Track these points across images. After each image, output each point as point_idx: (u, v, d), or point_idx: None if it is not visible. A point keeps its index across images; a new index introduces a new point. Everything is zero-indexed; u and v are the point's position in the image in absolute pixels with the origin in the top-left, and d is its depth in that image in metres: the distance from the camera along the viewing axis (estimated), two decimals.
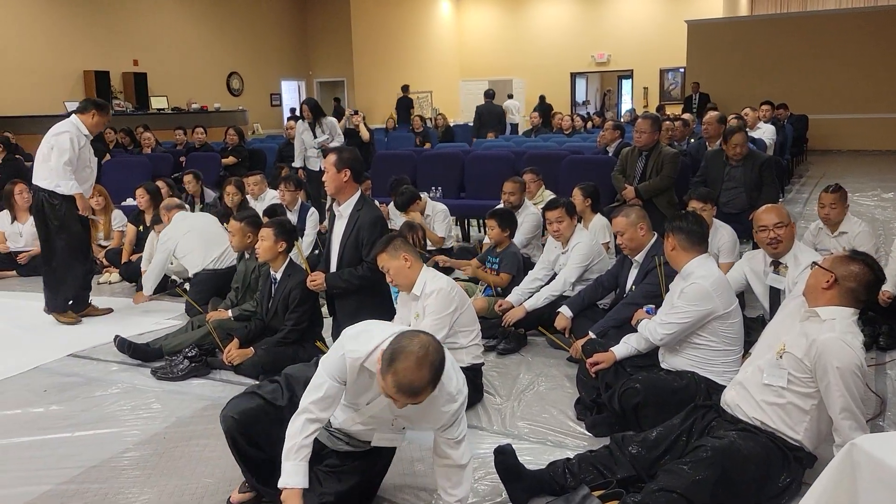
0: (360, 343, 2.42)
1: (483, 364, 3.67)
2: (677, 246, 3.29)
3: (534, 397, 3.72)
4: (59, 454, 3.25)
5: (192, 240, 5.38)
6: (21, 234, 6.77)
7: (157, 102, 14.14)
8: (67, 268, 5.14)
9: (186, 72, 15.05)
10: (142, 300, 5.64)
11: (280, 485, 2.39)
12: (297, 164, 8.29)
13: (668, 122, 7.08)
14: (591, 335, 3.88)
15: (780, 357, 2.63)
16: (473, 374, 3.59)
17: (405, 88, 16.66)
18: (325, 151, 8.02)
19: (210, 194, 7.63)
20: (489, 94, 13.84)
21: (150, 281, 5.53)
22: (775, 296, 3.70)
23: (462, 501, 2.58)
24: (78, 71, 13.05)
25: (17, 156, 8.45)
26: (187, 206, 7.14)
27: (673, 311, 3.18)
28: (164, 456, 3.21)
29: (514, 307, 4.53)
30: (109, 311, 5.43)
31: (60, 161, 4.98)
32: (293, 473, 2.38)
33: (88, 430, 3.51)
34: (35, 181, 5.10)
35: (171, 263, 5.55)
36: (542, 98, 16.21)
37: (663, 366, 3.36)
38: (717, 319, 3.13)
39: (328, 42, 18.19)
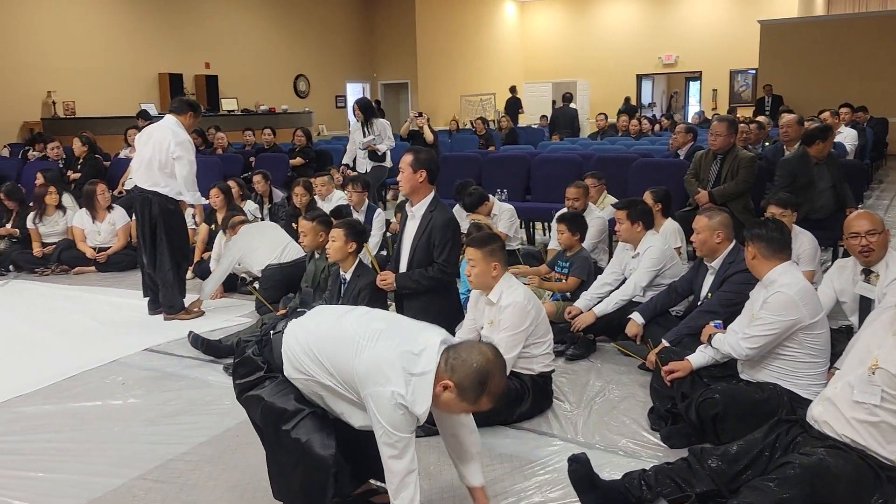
0: (411, 389, 2.24)
1: (553, 371, 3.61)
2: (758, 254, 3.17)
3: (605, 405, 3.65)
4: (136, 447, 3.33)
5: (256, 244, 5.47)
6: (100, 233, 6.99)
7: (227, 104, 14.48)
8: (178, 269, 5.25)
9: (255, 74, 15.37)
10: (198, 305, 5.50)
11: None
12: (345, 160, 8.32)
13: (742, 125, 6.87)
14: (665, 343, 3.79)
15: (873, 373, 2.50)
16: (543, 382, 3.55)
17: (513, 90, 16.55)
18: (371, 152, 8.07)
19: (278, 194, 7.76)
20: (567, 98, 13.83)
21: (211, 284, 5.59)
22: (865, 305, 3.54)
23: None
24: (153, 74, 13.47)
25: (96, 155, 8.75)
26: (256, 207, 7.29)
27: (757, 323, 3.06)
28: (237, 452, 3.25)
29: (582, 312, 4.46)
30: (202, 313, 5.46)
31: (189, 172, 5.07)
32: None
33: (164, 424, 3.59)
34: (142, 184, 5.14)
35: (239, 265, 5.63)
36: (626, 100, 16.00)
37: (743, 376, 3.25)
38: (802, 330, 3.00)
39: (393, 44, 18.33)
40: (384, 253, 6.22)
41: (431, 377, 2.26)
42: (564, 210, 5.59)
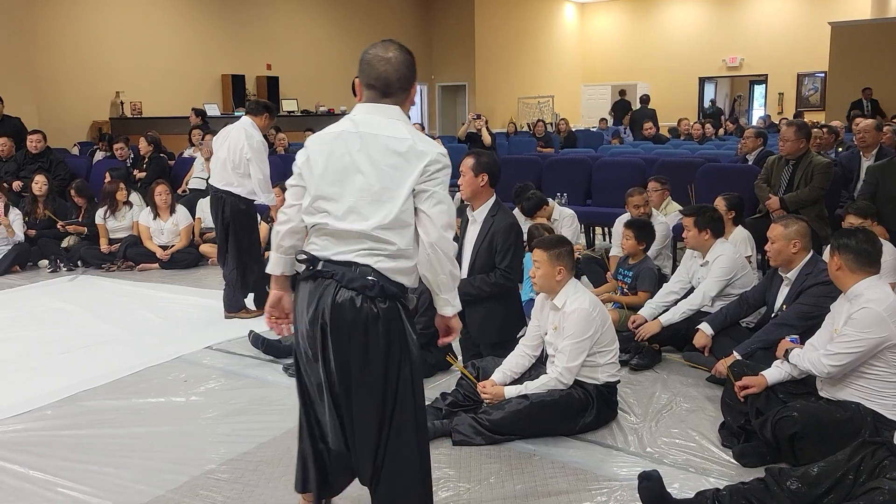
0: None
1: (618, 381, 3.50)
2: (844, 266, 3.01)
3: (673, 418, 3.52)
4: (199, 445, 3.35)
5: None
6: (163, 232, 7.12)
7: (287, 105, 14.66)
8: (243, 269, 5.30)
9: (315, 75, 15.53)
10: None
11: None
12: None
13: (816, 130, 6.61)
14: (736, 356, 3.64)
15: None
16: (608, 392, 3.45)
17: (622, 92, 16.25)
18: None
19: None
20: (644, 100, 13.64)
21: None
22: None
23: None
24: (216, 75, 13.72)
25: (161, 154, 8.94)
26: None
27: (841, 340, 2.90)
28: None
29: (647, 321, 4.33)
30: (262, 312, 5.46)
31: (263, 174, 5.14)
32: None
33: (226, 423, 3.60)
34: (216, 184, 5.20)
35: None
36: (712, 102, 15.59)
37: (822, 394, 3.09)
38: (890, 348, 2.84)
39: (451, 46, 18.32)
40: None
41: None
42: (627, 214, 5.47)
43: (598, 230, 7.96)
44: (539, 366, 3.57)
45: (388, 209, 2.16)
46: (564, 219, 5.99)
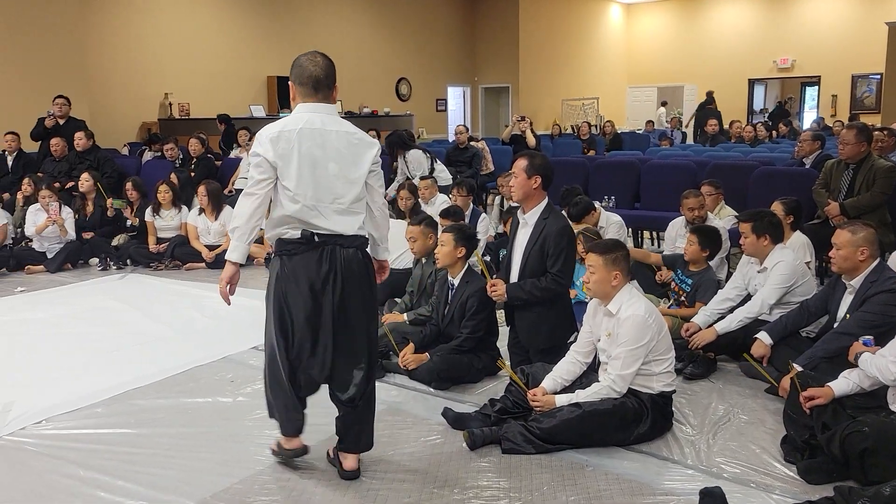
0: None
1: (674, 391, 3.38)
2: None
3: (731, 431, 3.39)
4: (245, 446, 3.33)
5: None
6: (210, 232, 7.18)
7: None
8: None
9: (359, 77, 15.58)
10: None
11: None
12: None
13: (877, 133, 6.37)
14: (797, 367, 3.49)
15: None
16: (663, 402, 3.34)
17: (710, 94, 15.82)
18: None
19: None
20: (707, 101, 13.39)
21: None
22: None
23: None
24: (262, 76, 13.85)
25: (208, 155, 9.04)
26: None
27: None
28: None
29: (701, 329, 4.19)
30: None
31: None
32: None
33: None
34: None
35: None
36: (779, 104, 15.10)
37: (893, 408, 2.94)
38: None
39: (494, 48, 18.23)
40: (487, 258, 6.10)
41: None
42: (682, 218, 5.33)
43: (647, 234, 7.80)
44: (590, 373, 3.47)
45: (356, 189, 2.89)
46: (611, 225, 5.86)
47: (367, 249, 2.99)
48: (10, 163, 8.92)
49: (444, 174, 7.90)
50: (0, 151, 9.04)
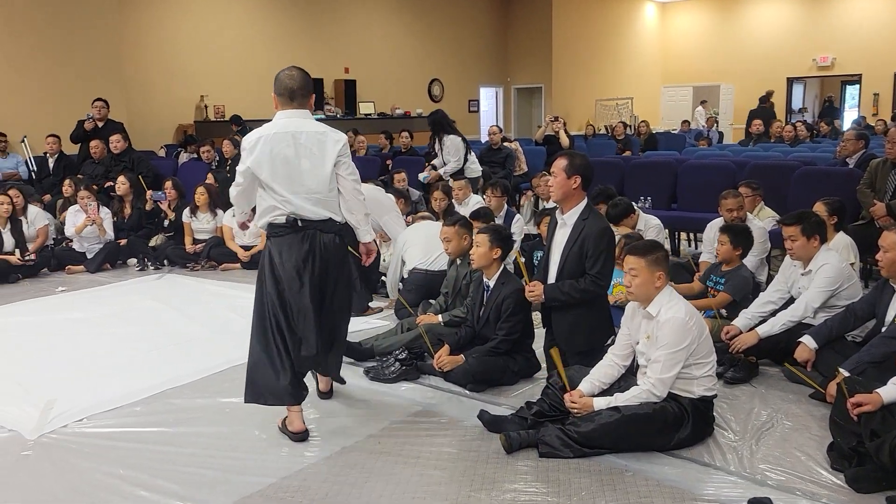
0: None
1: (716, 396, 3.31)
2: None
3: (774, 437, 3.31)
4: (282, 447, 3.34)
5: (416, 240, 5.46)
6: (245, 233, 7.23)
7: (364, 108, 14.79)
8: (371, 268, 5.37)
9: (392, 78, 15.62)
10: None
11: None
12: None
13: None
14: (844, 372, 3.40)
15: None
16: (704, 407, 3.27)
17: (769, 94, 15.21)
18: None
19: (415, 192, 7.83)
20: (765, 97, 13.18)
21: (391, 279, 5.67)
22: None
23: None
24: None
25: None
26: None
27: None
28: (380, 460, 3.18)
29: (741, 332, 4.11)
30: (380, 310, 5.58)
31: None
32: None
33: (308, 425, 3.58)
34: None
35: (405, 264, 5.61)
36: (828, 102, 14.41)
37: None
38: None
39: (527, 48, 18.15)
40: (522, 260, 6.05)
41: None
42: (721, 219, 5.23)
43: (683, 235, 7.69)
44: (629, 377, 3.41)
45: (327, 181, 3.36)
46: (650, 229, 5.77)
47: (344, 234, 3.48)
48: (51, 165, 9.11)
49: (474, 165, 7.86)
50: (42, 154, 9.23)
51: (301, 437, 3.38)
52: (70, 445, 3.38)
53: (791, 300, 4.17)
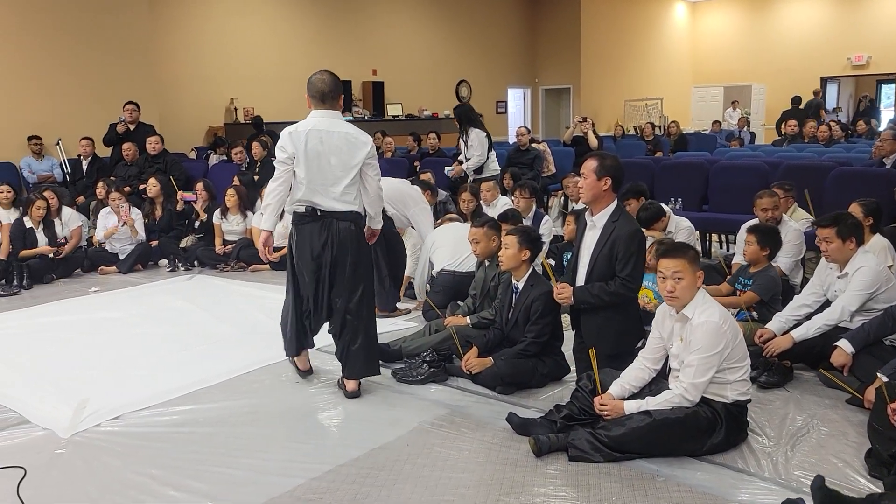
0: None
1: (749, 401, 3.25)
2: None
3: (810, 443, 3.24)
4: (310, 448, 3.34)
5: (444, 241, 5.46)
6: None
7: (392, 109, 14.83)
8: (398, 268, 5.47)
9: (419, 80, 15.64)
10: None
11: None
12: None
13: None
14: (883, 377, 3.32)
15: None
16: (738, 411, 3.21)
17: (817, 93, 14.75)
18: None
19: (442, 193, 7.83)
20: (796, 100, 12.99)
21: (418, 280, 5.70)
22: None
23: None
24: None
25: (271, 158, 9.17)
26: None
27: None
28: (408, 462, 3.17)
29: (775, 336, 4.03)
30: (408, 311, 5.59)
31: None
32: None
33: (336, 426, 3.60)
34: None
35: (433, 266, 5.61)
36: (870, 101, 14.03)
37: None
38: None
39: (555, 49, 18.06)
40: (551, 262, 6.01)
41: None
42: (756, 220, 5.14)
43: (714, 237, 7.59)
44: (660, 380, 3.37)
45: (350, 177, 3.78)
46: (681, 231, 5.69)
47: (360, 222, 3.91)
48: (85, 167, 9.25)
49: (493, 164, 7.80)
50: (76, 156, 9.38)
51: (305, 374, 4.17)
52: (102, 444, 3.42)
53: (827, 303, 4.09)
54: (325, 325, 4.05)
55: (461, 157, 8.01)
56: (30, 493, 2.96)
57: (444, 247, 5.39)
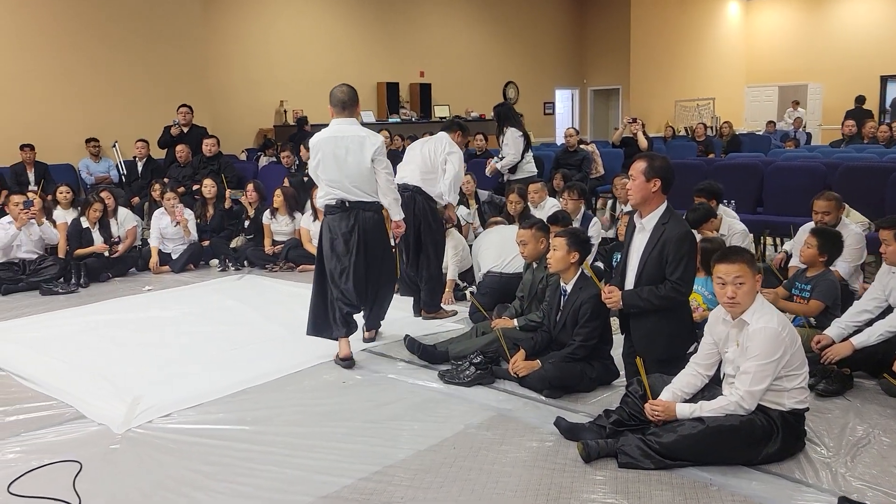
0: None
1: (807, 409, 3.15)
2: None
3: (871, 454, 3.12)
4: (358, 448, 3.35)
5: (489, 243, 5.44)
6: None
7: (439, 111, 14.86)
8: (439, 268, 5.46)
9: (466, 81, 15.64)
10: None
11: None
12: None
13: None
14: None
15: None
16: (795, 420, 3.11)
17: (860, 100, 14.25)
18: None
19: (483, 193, 7.81)
20: (860, 100, 12.62)
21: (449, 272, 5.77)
22: None
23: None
24: (372, 83, 14.12)
25: None
26: (468, 212, 7.34)
27: None
28: (455, 465, 3.15)
29: (834, 342, 3.90)
30: (454, 313, 5.57)
31: (453, 176, 5.35)
32: None
33: (383, 427, 3.59)
34: (412, 181, 5.36)
35: (479, 268, 5.60)
36: None
37: None
38: None
39: (604, 49, 17.87)
40: (600, 264, 5.93)
41: None
42: (812, 223, 4.99)
43: (769, 241, 7.39)
44: (713, 386, 3.28)
45: (366, 173, 4.43)
46: (735, 234, 5.55)
47: (381, 211, 4.53)
48: (140, 168, 9.49)
49: (528, 165, 7.70)
50: (131, 158, 9.62)
51: (347, 363, 4.41)
52: (154, 440, 3.48)
53: (889, 309, 3.94)
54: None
55: (498, 156, 7.98)
56: (85, 486, 3.03)
57: (490, 248, 5.36)
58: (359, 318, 4.67)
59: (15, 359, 4.68)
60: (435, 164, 5.38)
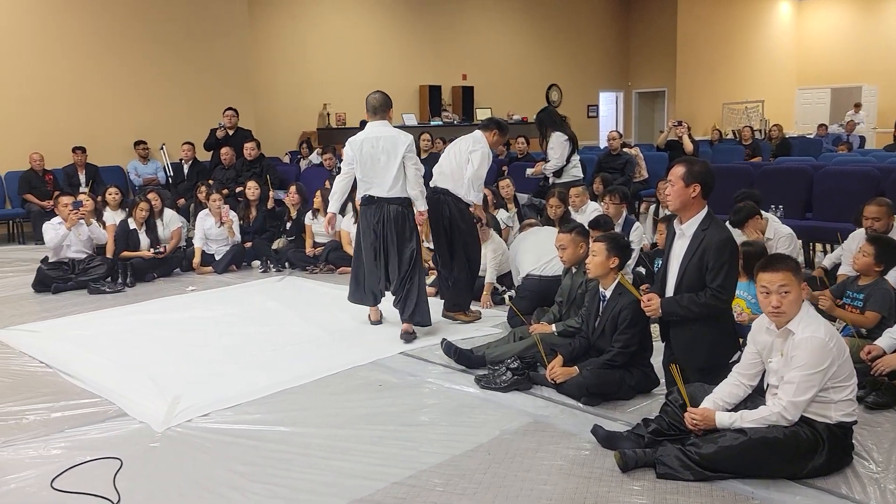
0: None
1: (855, 422, 3.04)
2: None
3: None
4: (393, 452, 3.34)
5: (528, 246, 5.40)
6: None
7: (481, 114, 14.82)
8: (468, 269, 5.46)
9: (509, 84, 15.61)
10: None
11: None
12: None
13: None
14: None
15: None
16: (842, 433, 3.00)
17: None
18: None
19: (522, 196, 7.76)
20: None
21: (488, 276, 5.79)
22: None
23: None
24: (415, 85, 14.18)
25: None
26: (509, 216, 7.31)
27: None
28: (489, 472, 3.12)
29: (885, 353, 3.76)
30: (479, 316, 5.54)
31: (472, 174, 5.32)
32: None
33: (419, 431, 3.57)
34: (442, 184, 5.39)
35: (518, 271, 5.56)
36: None
37: None
38: None
39: (650, 51, 17.65)
40: (642, 270, 5.84)
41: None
42: (861, 231, 4.84)
43: (818, 247, 7.19)
44: (756, 397, 3.19)
45: (395, 169, 4.90)
46: (781, 238, 5.41)
47: (406, 205, 5.00)
48: (186, 170, 9.67)
49: (574, 170, 7.60)
50: (178, 160, 9.82)
51: (376, 322, 5.35)
52: (193, 440, 3.52)
53: None
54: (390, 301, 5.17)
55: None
56: (125, 483, 3.08)
57: (528, 251, 5.32)
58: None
59: (62, 356, 4.79)
60: (461, 163, 5.36)
